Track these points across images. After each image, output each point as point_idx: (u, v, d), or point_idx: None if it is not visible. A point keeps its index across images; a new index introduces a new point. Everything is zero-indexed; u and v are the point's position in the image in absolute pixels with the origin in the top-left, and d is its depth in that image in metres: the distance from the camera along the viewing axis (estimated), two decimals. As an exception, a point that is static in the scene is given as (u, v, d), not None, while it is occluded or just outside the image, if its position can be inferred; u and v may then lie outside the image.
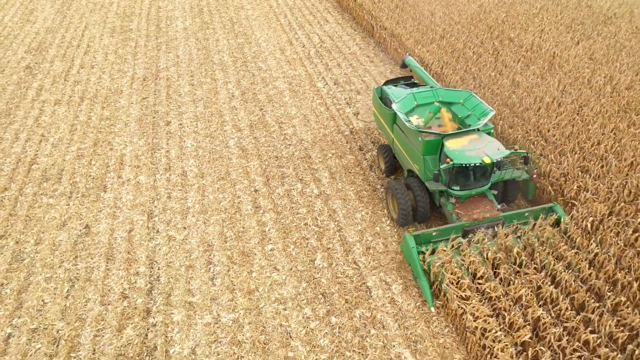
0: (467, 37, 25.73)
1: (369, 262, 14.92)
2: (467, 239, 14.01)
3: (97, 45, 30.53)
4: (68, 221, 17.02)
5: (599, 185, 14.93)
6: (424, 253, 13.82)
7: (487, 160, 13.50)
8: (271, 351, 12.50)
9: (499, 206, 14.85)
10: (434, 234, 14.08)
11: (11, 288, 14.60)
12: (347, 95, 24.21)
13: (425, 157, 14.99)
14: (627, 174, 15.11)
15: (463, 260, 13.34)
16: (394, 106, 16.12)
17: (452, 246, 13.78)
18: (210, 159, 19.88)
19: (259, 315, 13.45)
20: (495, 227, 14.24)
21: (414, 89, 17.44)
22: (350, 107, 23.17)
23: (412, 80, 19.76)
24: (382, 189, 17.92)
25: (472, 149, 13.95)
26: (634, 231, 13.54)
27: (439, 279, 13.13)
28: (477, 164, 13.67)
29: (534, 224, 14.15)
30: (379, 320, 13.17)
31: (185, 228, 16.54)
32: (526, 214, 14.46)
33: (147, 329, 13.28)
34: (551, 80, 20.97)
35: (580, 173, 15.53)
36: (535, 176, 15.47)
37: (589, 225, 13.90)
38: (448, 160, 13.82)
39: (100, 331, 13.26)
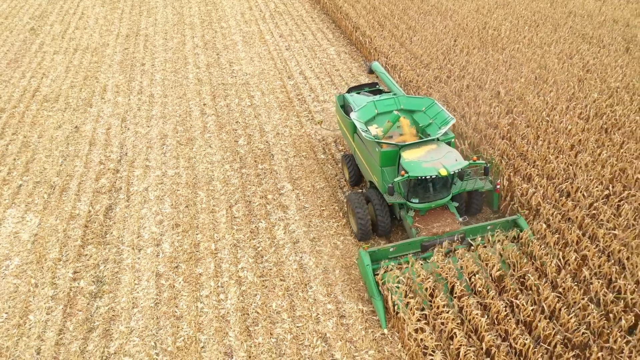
0: (387, -2, 31.73)
1: (277, 141, 20.81)
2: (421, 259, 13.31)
3: (90, 13, 36.55)
4: (63, 125, 22.93)
5: (443, 86, 20.86)
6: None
7: (444, 172, 12.72)
8: (199, 186, 18.39)
9: (460, 219, 14.18)
10: (390, 249, 13.27)
11: (21, 161, 20.50)
12: (287, 43, 30.16)
13: (383, 168, 14.24)
14: (463, 77, 21.07)
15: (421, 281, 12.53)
16: (352, 115, 15.24)
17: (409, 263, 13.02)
18: (173, 86, 25.79)
19: (194, 170, 19.34)
20: (456, 241, 13.58)
21: (376, 97, 16.76)
22: (287, 51, 29.10)
23: (378, 87, 19.03)
24: (301, 107, 23.77)
25: (429, 160, 13.16)
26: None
27: (394, 300, 12.28)
28: (433, 176, 12.94)
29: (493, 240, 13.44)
30: (275, 170, 19.07)
31: (149, 126, 22.43)
32: (488, 227, 13.74)
33: (116, 180, 19.17)
34: (439, 26, 26.85)
35: (434, 80, 21.42)
36: (498, 187, 14.92)
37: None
38: (403, 172, 13.13)
39: (83, 181, 19.14)
